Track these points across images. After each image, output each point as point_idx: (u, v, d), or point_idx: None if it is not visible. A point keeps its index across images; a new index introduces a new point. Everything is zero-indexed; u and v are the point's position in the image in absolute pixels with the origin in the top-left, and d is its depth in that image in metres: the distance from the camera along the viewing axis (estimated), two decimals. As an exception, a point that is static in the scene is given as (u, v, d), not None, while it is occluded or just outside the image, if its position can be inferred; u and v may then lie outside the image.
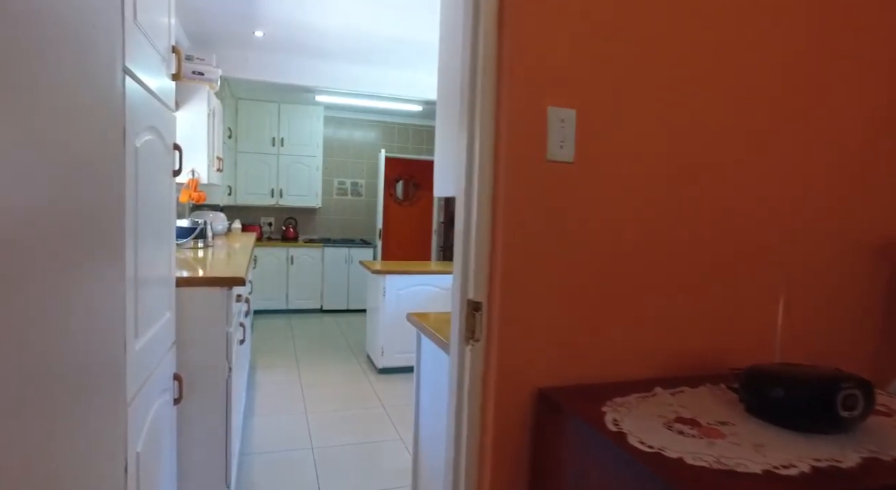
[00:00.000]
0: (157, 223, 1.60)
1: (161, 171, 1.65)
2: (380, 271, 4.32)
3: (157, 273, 1.61)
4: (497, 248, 1.25)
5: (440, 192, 1.79)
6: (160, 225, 1.65)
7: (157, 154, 1.59)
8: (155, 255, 1.58)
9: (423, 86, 4.78)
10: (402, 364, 4.42)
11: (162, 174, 1.67)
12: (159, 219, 1.63)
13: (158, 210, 1.62)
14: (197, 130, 3.60)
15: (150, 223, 1.52)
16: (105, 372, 1.12)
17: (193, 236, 3.05)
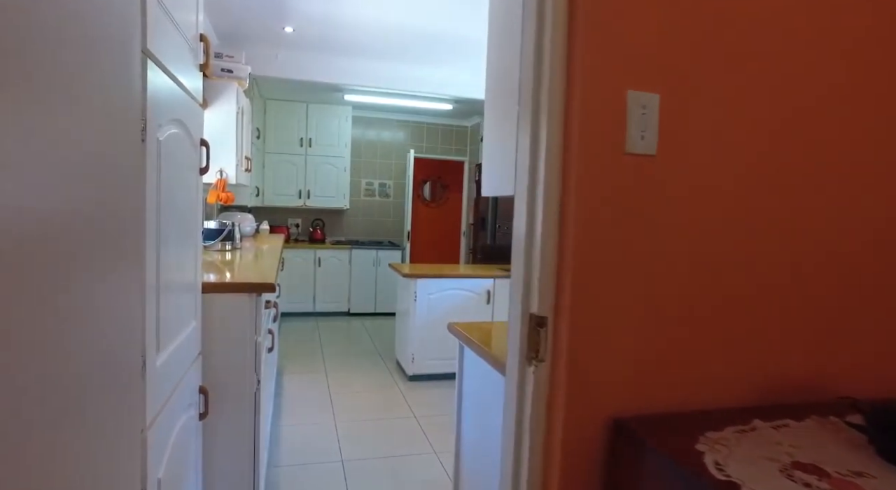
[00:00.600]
0: (182, 224, 1.46)
1: (187, 168, 1.52)
2: (411, 275, 4.17)
3: (182, 278, 1.47)
4: (566, 254, 1.08)
5: (490, 191, 1.63)
6: (186, 226, 1.51)
7: (182, 150, 1.46)
8: (180, 258, 1.45)
9: (456, 83, 4.63)
10: (433, 371, 4.26)
11: (188, 172, 1.54)
12: (185, 219, 1.50)
13: (184, 210, 1.49)
14: (226, 129, 3.50)
15: (175, 224, 1.38)
16: (119, 395, 0.98)
17: (221, 238, 2.94)
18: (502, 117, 1.63)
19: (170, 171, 1.32)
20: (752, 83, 1.14)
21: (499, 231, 6.23)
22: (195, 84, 1.61)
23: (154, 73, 1.16)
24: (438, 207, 8.39)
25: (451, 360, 4.44)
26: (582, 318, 1.08)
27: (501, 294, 4.36)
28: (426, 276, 4.19)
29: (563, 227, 1.10)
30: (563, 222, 1.10)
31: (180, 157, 1.45)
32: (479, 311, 4.33)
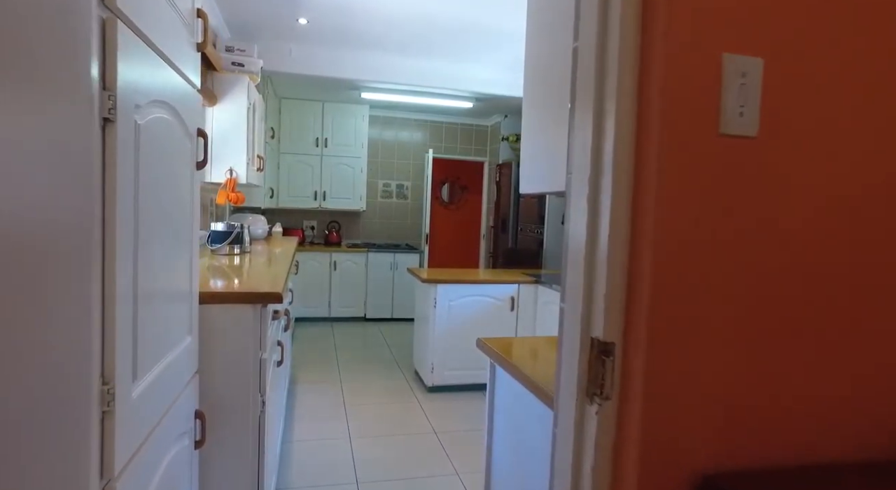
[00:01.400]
0: (170, 224, 1.25)
1: (177, 160, 1.31)
2: (430, 280, 3.95)
3: (171, 287, 1.26)
4: (641, 263, 0.85)
5: (530, 188, 1.40)
6: (176, 227, 1.30)
7: (172, 139, 1.25)
8: (168, 264, 1.23)
9: (477, 79, 4.41)
10: (453, 382, 4.03)
11: (179, 165, 1.33)
12: (174, 219, 1.29)
13: (173, 208, 1.27)
14: (236, 126, 3.31)
15: (161, 224, 1.17)
16: (58, 445, 0.76)
17: (229, 241, 2.75)
18: (543, 105, 1.40)
19: (153, 163, 1.11)
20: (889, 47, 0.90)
21: (521, 233, 5.98)
22: (190, 64, 1.40)
23: (128, 41, 0.95)
24: (457, 209, 8.16)
25: (472, 371, 4.22)
26: (662, 344, 0.84)
27: (526, 301, 4.12)
28: (446, 281, 3.96)
29: (636, 228, 0.86)
30: (637, 222, 0.86)
31: (169, 148, 1.24)
32: (503, 320, 4.09)
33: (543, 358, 1.50)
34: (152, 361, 1.14)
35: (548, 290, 3.95)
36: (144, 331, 1.07)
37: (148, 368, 1.11)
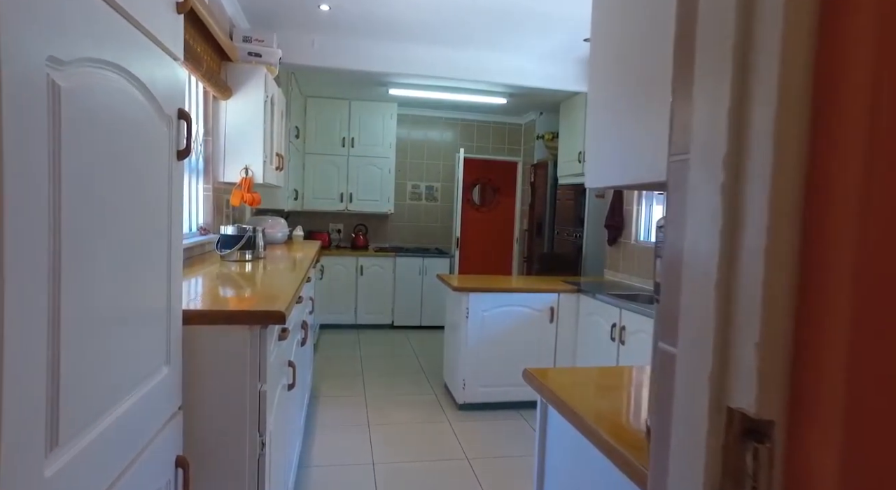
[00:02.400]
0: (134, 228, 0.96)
1: (143, 145, 1.02)
2: (462, 288, 3.62)
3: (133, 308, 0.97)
4: (825, 297, 0.51)
5: (602, 181, 1.07)
6: (144, 231, 1.01)
7: (131, 116, 0.96)
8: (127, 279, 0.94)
9: (514, 71, 4.07)
10: (487, 400, 3.70)
11: (147, 152, 1.03)
12: (142, 222, 0.99)
13: (138, 208, 0.98)
14: (252, 121, 3.05)
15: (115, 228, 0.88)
16: None
17: (239, 247, 2.48)
18: (619, 84, 1.08)
19: (94, 145, 0.82)
20: None
21: (557, 237, 5.62)
22: (163, 25, 1.11)
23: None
24: (489, 212, 7.82)
25: (508, 388, 3.87)
26: (871, 430, 0.50)
27: (566, 312, 3.76)
28: (479, 289, 3.63)
29: (815, 238, 0.52)
30: (818, 228, 0.52)
31: (128, 128, 0.94)
32: (542, 332, 3.74)
33: (615, 402, 1.16)
34: (95, 413, 0.85)
35: (591, 299, 3.59)
36: (77, 372, 0.78)
37: (85, 425, 0.81)
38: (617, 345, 3.22)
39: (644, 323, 2.94)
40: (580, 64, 4.21)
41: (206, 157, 3.00)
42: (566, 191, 5.52)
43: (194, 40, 2.38)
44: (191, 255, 2.61)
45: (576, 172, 5.25)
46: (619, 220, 4.23)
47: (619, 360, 3.19)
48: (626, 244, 4.19)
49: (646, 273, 3.88)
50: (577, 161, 5.23)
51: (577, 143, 5.26)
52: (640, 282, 3.95)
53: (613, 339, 3.25)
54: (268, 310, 1.36)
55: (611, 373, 1.40)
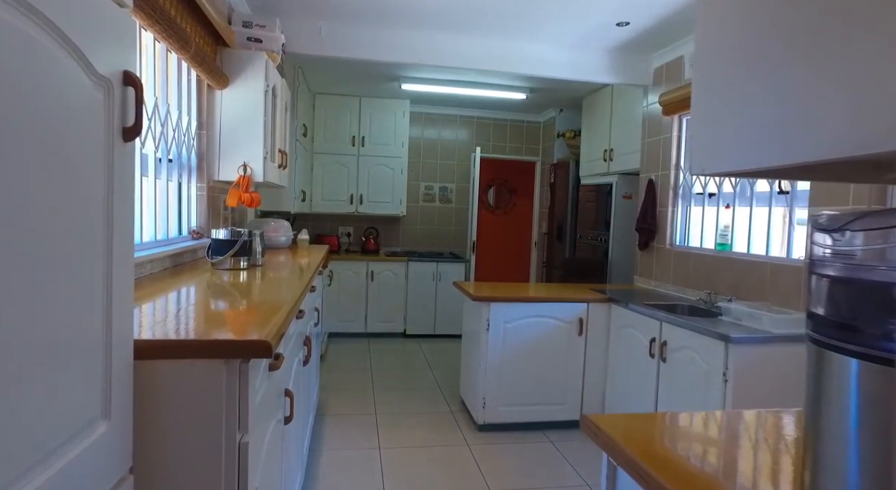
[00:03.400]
0: (41, 235, 0.64)
1: (60, 118, 0.70)
2: (482, 297, 3.30)
3: (47, 342, 0.66)
4: None
5: (725, 166, 0.73)
6: (62, 241, 0.70)
7: (30, 72, 0.64)
8: (33, 302, 0.63)
9: (535, 60, 3.75)
10: (510, 420, 3.36)
11: (67, 127, 0.72)
12: (58, 226, 0.68)
13: (50, 207, 0.67)
14: (250, 112, 2.75)
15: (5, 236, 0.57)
16: None
17: (232, 253, 2.17)
18: (742, 48, 0.74)
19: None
20: None
21: (580, 241, 5.27)
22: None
23: None
24: (505, 214, 7.49)
25: (533, 407, 3.50)
26: None
27: (597, 323, 3.42)
28: (501, 299, 3.30)
29: None
30: None
31: (22, 90, 0.63)
32: (571, 346, 3.40)
33: (729, 467, 0.83)
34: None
35: (623, 310, 3.25)
36: None
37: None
38: (657, 363, 2.88)
39: (690, 339, 2.60)
40: (611, 53, 3.87)
41: (199, 152, 2.70)
42: (588, 192, 5.17)
43: (181, 16, 2.08)
44: (180, 262, 2.31)
45: (600, 171, 4.91)
46: (651, 222, 3.89)
47: (660, 381, 2.84)
48: (659, 249, 3.84)
49: (683, 280, 3.53)
50: (601, 159, 4.89)
51: (602, 140, 4.92)
52: (675, 290, 3.61)
53: (652, 356, 2.91)
54: (250, 340, 1.05)
55: (709, 420, 1.07)
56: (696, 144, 0.78)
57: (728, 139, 0.74)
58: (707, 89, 0.79)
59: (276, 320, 1.24)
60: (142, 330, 1.10)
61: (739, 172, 0.73)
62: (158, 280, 1.86)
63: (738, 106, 0.72)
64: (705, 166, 0.76)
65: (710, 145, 0.75)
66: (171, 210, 2.41)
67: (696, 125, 0.80)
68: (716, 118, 0.76)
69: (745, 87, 0.71)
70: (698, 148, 0.78)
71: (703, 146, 0.77)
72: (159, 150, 2.20)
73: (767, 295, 2.81)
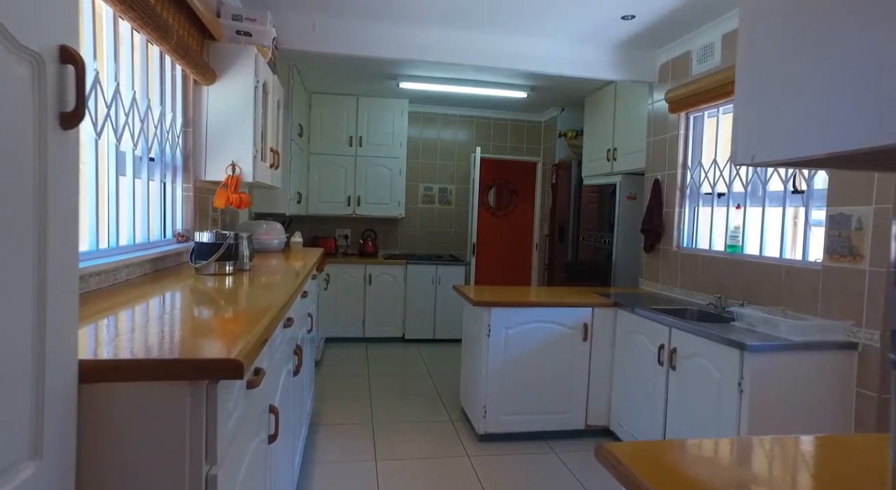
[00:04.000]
0: None
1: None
2: (482, 302, 3.16)
3: None
4: None
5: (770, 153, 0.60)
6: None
7: None
8: None
9: (537, 57, 3.62)
10: (512, 430, 3.23)
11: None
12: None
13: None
14: (239, 109, 2.62)
15: None
16: None
17: (216, 257, 2.03)
18: (801, 14, 0.61)
19: None
20: None
21: (582, 243, 5.14)
22: None
23: None
24: (506, 216, 7.37)
25: (536, 416, 3.30)
26: None
27: (602, 329, 3.28)
28: (502, 303, 3.17)
29: None
30: None
31: None
32: (575, 353, 3.26)
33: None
34: None
35: (629, 315, 3.12)
36: None
37: None
38: (666, 370, 2.74)
39: (702, 346, 2.46)
40: (615, 49, 3.75)
41: (185, 151, 2.57)
42: (591, 192, 5.04)
43: (161, 5, 1.95)
44: (162, 266, 2.18)
45: (603, 171, 4.78)
46: (658, 223, 3.75)
47: (670, 389, 2.71)
48: (666, 251, 3.71)
49: (691, 284, 3.40)
50: (605, 159, 4.76)
51: (605, 139, 4.79)
52: (682, 294, 3.47)
53: (661, 363, 2.78)
54: (218, 359, 0.92)
55: (757, 449, 0.93)
56: (742, 130, 0.65)
57: (785, 122, 0.61)
58: (758, 66, 0.66)
59: (253, 335, 1.11)
60: (97, 347, 0.96)
61: (796, 161, 0.60)
62: (135, 287, 1.73)
63: (802, 82, 0.59)
64: (755, 154, 0.63)
65: (762, 130, 0.63)
66: (153, 211, 2.28)
67: (743, 108, 0.67)
68: (770, 98, 0.63)
69: (812, 58, 0.58)
70: (745, 134, 0.65)
71: (753, 132, 0.64)
72: (139, 148, 2.07)
73: (782, 299, 2.67)
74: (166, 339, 1.04)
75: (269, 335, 1.24)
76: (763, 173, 2.91)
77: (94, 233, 1.70)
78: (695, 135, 3.55)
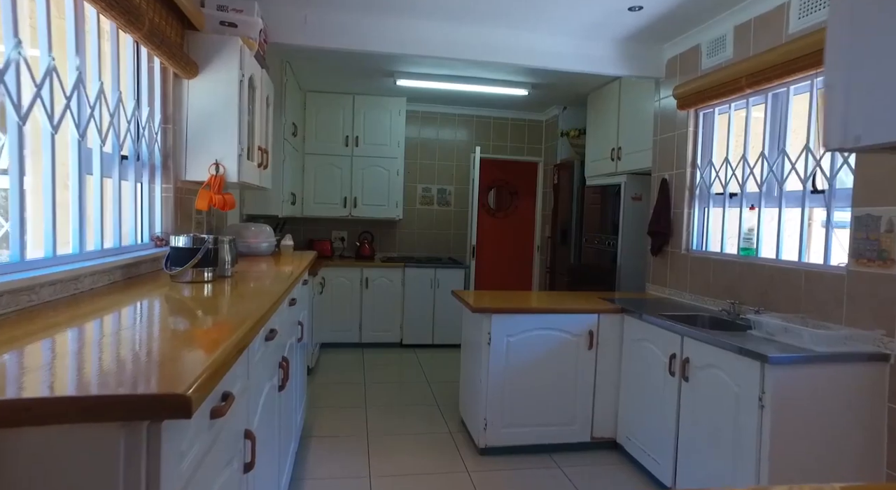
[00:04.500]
0: None
1: None
2: (483, 308, 3.00)
3: None
4: None
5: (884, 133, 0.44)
6: None
7: None
8: None
9: (539, 52, 3.45)
10: (513, 442, 3.06)
11: None
12: None
13: None
14: (223, 105, 2.46)
15: None
16: None
17: (193, 263, 1.87)
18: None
19: None
20: None
21: (585, 246, 4.97)
22: None
23: None
24: (505, 218, 7.20)
25: (538, 428, 3.00)
26: None
27: (609, 336, 3.12)
28: (504, 310, 3.01)
29: None
30: None
31: None
32: (580, 362, 3.10)
33: None
34: None
35: (637, 321, 2.96)
36: None
37: None
38: (678, 381, 2.58)
39: (718, 356, 2.30)
40: (621, 43, 3.59)
41: (164, 149, 2.41)
42: (594, 193, 4.88)
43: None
44: (136, 273, 2.02)
45: (607, 171, 4.62)
46: (665, 225, 3.59)
47: (682, 403, 2.54)
48: (674, 254, 3.54)
49: (702, 289, 3.23)
50: (609, 159, 4.60)
51: (609, 138, 4.63)
52: (693, 299, 3.31)
53: (672, 374, 2.61)
54: (161, 394, 0.75)
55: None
56: (842, 106, 0.49)
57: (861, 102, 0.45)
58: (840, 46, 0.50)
59: (215, 360, 0.95)
60: (4, 383, 0.79)
61: None
62: (98, 297, 1.56)
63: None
64: (860, 135, 0.48)
65: (876, 105, 0.47)
66: (127, 213, 2.11)
67: (844, 78, 0.51)
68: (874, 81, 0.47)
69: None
70: (846, 111, 0.49)
71: (860, 107, 0.48)
72: (108, 145, 1.90)
73: (802, 306, 2.51)
74: (105, 367, 0.88)
75: (234, 361, 1.08)
76: (780, 172, 2.74)
77: (50, 237, 1.54)
78: (704, 132, 3.39)
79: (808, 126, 2.53)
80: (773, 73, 2.55)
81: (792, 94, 2.67)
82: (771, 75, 2.56)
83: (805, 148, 2.52)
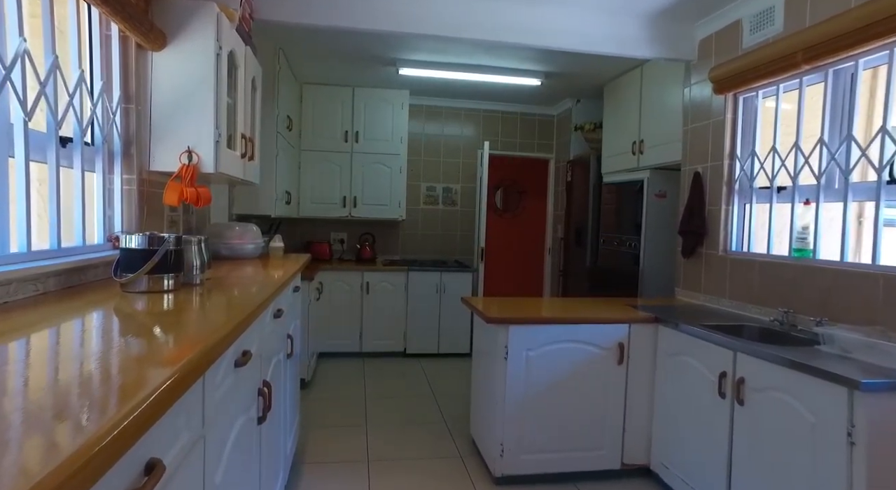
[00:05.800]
0: None
1: None
2: (499, 319, 2.63)
3: None
4: None
5: None
6: None
7: None
8: None
9: (558, 31, 3.09)
10: (534, 471, 2.69)
11: None
12: None
13: None
14: (195, 81, 2.10)
15: None
16: None
17: (146, 270, 1.50)
18: None
19: None
20: None
21: (603, 247, 4.60)
22: None
23: None
24: (514, 218, 6.84)
25: (562, 454, 2.60)
26: None
27: (640, 349, 2.74)
28: (522, 320, 2.64)
29: None
30: None
31: None
32: (609, 379, 2.72)
33: None
34: None
35: (674, 333, 2.59)
36: None
37: None
38: (730, 404, 2.20)
39: (784, 378, 1.92)
40: (649, 21, 3.21)
41: (126, 134, 2.04)
42: (612, 191, 4.51)
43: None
44: (79, 281, 1.65)
45: (627, 167, 4.25)
46: (699, 223, 3.21)
47: (735, 431, 2.17)
48: (710, 256, 3.17)
49: (744, 295, 2.85)
50: (629, 153, 4.23)
51: (630, 130, 4.26)
52: (733, 306, 2.93)
53: (723, 396, 2.23)
54: None
55: None
56: None
57: None
58: None
59: (125, 428, 0.58)
60: None
61: None
62: (11, 313, 1.20)
63: None
64: None
65: None
66: (71, 209, 1.75)
67: None
68: None
69: None
70: None
71: None
72: (33, 122, 1.53)
73: (878, 317, 2.13)
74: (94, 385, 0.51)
75: (158, 416, 0.71)
76: (846, 161, 2.36)
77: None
78: (744, 119, 3.01)
79: (885, 104, 2.15)
80: (841, 43, 2.17)
81: (861, 67, 2.29)
82: (839, 46, 2.19)
83: (881, 129, 2.14)
